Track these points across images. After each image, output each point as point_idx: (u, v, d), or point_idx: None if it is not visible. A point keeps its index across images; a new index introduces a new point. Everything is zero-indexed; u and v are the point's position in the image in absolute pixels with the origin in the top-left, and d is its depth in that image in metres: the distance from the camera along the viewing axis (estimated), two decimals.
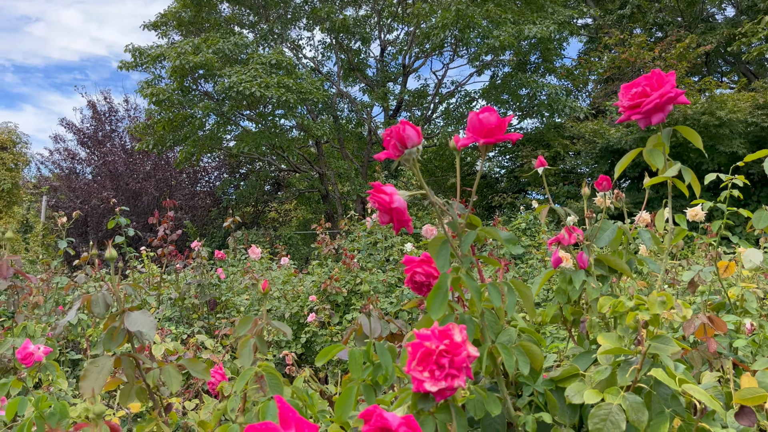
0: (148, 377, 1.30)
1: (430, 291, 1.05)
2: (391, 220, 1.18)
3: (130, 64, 12.08)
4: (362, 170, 15.62)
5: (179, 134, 12.75)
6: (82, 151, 18.14)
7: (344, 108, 16.47)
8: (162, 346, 2.76)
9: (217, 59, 10.80)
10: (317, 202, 19.14)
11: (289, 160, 14.51)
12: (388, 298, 4.28)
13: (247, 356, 1.20)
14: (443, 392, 0.81)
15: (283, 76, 10.66)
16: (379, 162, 16.80)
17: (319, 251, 4.76)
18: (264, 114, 12.42)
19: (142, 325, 1.21)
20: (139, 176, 16.36)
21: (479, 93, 15.75)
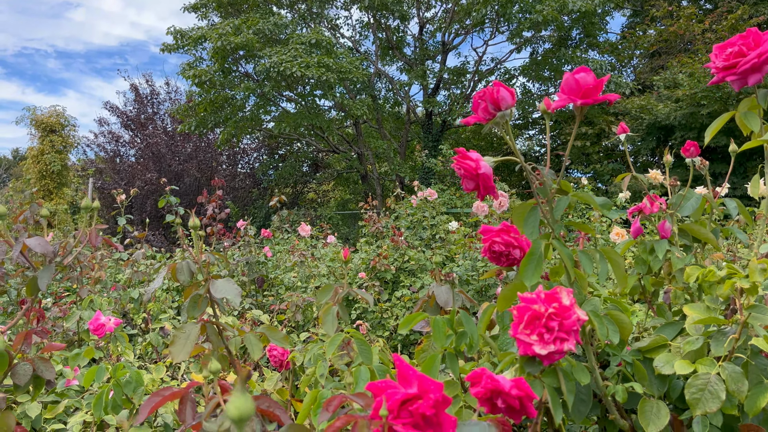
0: (230, 344, 1.32)
1: (524, 257, 1.03)
2: (476, 187, 1.16)
3: (171, 46, 12.22)
4: (400, 150, 15.56)
5: (220, 116, 12.88)
6: (126, 134, 18.53)
7: (381, 88, 16.39)
8: (223, 319, 2.82)
9: (258, 40, 10.83)
10: (355, 182, 19.18)
11: (328, 141, 14.54)
12: (431, 277, 4.26)
13: (330, 323, 1.20)
14: (552, 356, 0.79)
15: (322, 56, 10.64)
16: (418, 141, 16.70)
17: (367, 229, 4.77)
18: (303, 94, 12.44)
19: (227, 292, 1.23)
20: (181, 158, 16.63)
21: (519, 70, 15.46)
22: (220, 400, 0.76)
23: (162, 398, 0.77)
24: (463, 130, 18.36)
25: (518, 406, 0.75)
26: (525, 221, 1.09)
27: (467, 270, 3.96)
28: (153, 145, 16.78)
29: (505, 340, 1.25)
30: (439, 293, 1.53)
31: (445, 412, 0.64)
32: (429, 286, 4.01)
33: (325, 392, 1.01)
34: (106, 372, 1.79)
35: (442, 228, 5.09)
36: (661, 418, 1.12)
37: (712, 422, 1.09)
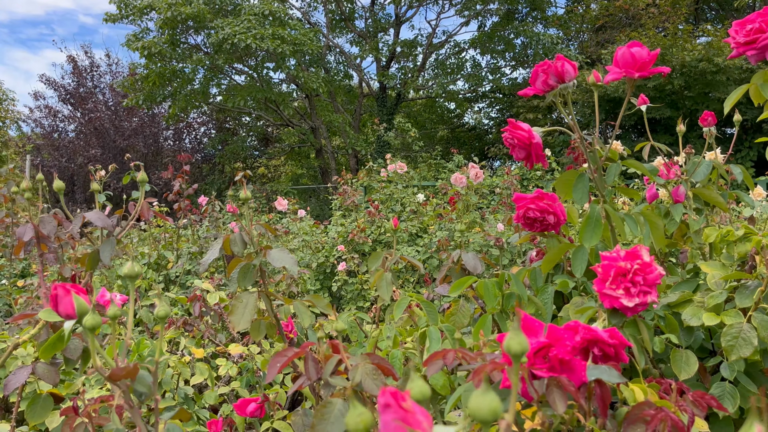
0: (280, 312, 1.36)
1: (582, 222, 1.10)
2: (527, 156, 1.22)
3: (115, 16, 11.70)
4: (354, 124, 15.52)
5: (168, 89, 12.49)
6: (65, 109, 17.73)
7: (332, 61, 16.22)
8: (216, 294, 2.83)
9: (209, 10, 10.52)
10: (307, 156, 19.01)
11: (281, 114, 14.34)
12: (413, 247, 4.36)
13: (385, 288, 1.26)
14: (636, 308, 0.87)
15: (277, 27, 10.43)
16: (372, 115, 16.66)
17: (340, 202, 4.80)
18: (255, 66, 12.19)
19: (284, 261, 1.26)
20: (126, 133, 16.09)
21: (468, 43, 15.59)
22: (343, 357, 0.81)
23: (287, 358, 0.81)
24: (414, 104, 18.44)
25: (613, 354, 0.83)
26: (574, 188, 1.17)
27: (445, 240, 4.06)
28: (95, 120, 16.14)
29: (544, 299, 1.34)
30: (467, 259, 1.60)
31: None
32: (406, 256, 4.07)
33: (396, 353, 1.07)
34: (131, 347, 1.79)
35: (412, 201, 5.17)
36: (691, 365, 1.23)
37: (736, 367, 1.20)
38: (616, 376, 0.72)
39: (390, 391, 0.38)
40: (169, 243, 5.12)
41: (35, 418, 1.27)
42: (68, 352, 1.26)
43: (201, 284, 2.91)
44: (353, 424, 0.38)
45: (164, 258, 4.76)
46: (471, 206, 4.08)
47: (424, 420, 0.37)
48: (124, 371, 0.64)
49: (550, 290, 1.34)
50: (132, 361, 1.78)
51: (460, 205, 4.02)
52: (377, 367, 0.80)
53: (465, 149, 18.35)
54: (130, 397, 0.65)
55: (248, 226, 1.31)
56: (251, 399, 1.52)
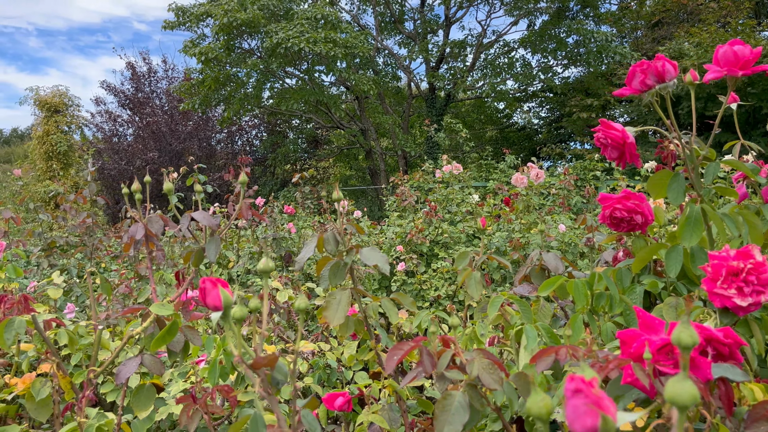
0: (368, 309, 1.39)
1: (681, 221, 1.10)
2: (620, 156, 1.23)
3: (173, 23, 12.09)
4: (403, 125, 15.56)
5: (223, 93, 12.81)
6: (124, 113, 18.38)
7: (380, 62, 16.31)
8: (285, 293, 2.90)
9: (263, 15, 10.74)
10: (355, 158, 19.17)
11: (332, 116, 14.51)
12: (471, 248, 4.35)
13: (474, 287, 1.27)
14: (749, 307, 0.87)
15: (329, 31, 10.57)
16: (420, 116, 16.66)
17: (397, 203, 4.83)
18: (309, 70, 12.38)
19: (376, 260, 1.29)
20: (182, 136, 16.56)
21: (518, 43, 15.42)
22: (457, 351, 0.83)
23: (403, 351, 0.84)
24: (463, 104, 18.35)
25: (727, 353, 0.83)
26: (669, 188, 1.16)
27: (504, 241, 4.05)
28: (152, 124, 16.67)
29: (633, 300, 1.33)
30: (548, 259, 1.60)
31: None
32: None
33: (530, 343, 1.08)
34: (214, 342, 1.87)
35: (468, 202, 5.17)
36: None
37: None
38: (740, 375, 0.72)
39: (580, 378, 0.40)
40: (230, 243, 5.26)
41: (140, 407, 1.34)
42: (173, 345, 1.33)
43: (271, 283, 3.00)
44: (536, 409, 0.41)
45: (225, 258, 4.90)
46: (532, 207, 4.06)
47: (611, 406, 0.39)
48: (265, 360, 0.68)
49: (639, 290, 1.33)
50: (218, 354, 1.85)
51: (520, 206, 4.00)
52: (493, 363, 0.82)
53: (514, 149, 18.14)
54: (268, 385, 0.69)
55: (339, 226, 1.36)
56: (339, 393, 1.56)
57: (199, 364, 2.06)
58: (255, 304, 0.74)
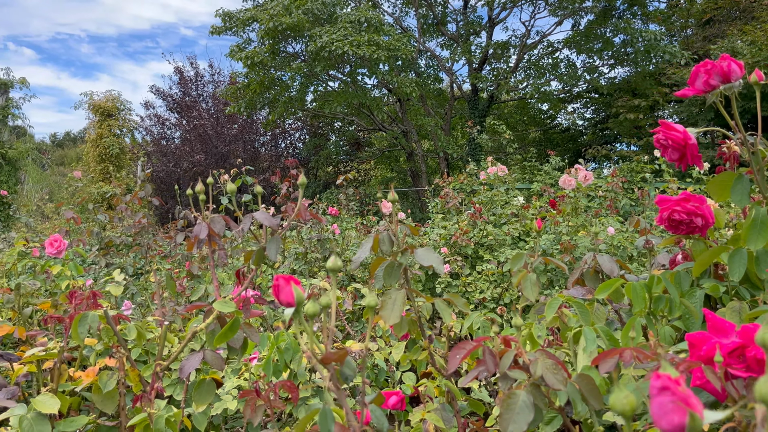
0: (422, 310, 1.40)
1: (746, 224, 1.08)
2: (681, 157, 1.21)
3: (220, 28, 12.36)
4: (444, 127, 15.52)
5: (268, 96, 13.02)
6: (172, 117, 18.89)
7: (422, 64, 16.31)
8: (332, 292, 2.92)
9: (307, 19, 10.89)
10: (396, 160, 19.21)
11: (374, 119, 14.58)
12: (516, 250, 4.31)
13: (530, 289, 1.27)
14: None
15: (372, 34, 10.64)
16: (461, 117, 16.58)
17: (441, 205, 4.83)
18: (351, 73, 12.48)
19: (430, 260, 1.30)
20: (227, 139, 16.92)
21: (562, 43, 15.19)
22: (520, 351, 0.84)
23: (466, 351, 0.86)
24: (505, 106, 18.18)
25: None
26: (732, 189, 1.14)
27: (551, 243, 4.01)
28: (199, 127, 17.08)
29: (693, 303, 1.31)
30: (603, 262, 1.59)
31: None
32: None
33: (590, 345, 1.08)
34: (268, 340, 1.91)
35: (513, 203, 5.13)
36: None
37: None
38: None
39: (667, 376, 0.40)
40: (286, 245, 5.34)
41: (200, 400, 1.39)
42: (233, 341, 1.37)
43: (319, 283, 3.03)
44: (621, 405, 0.42)
45: None
46: (580, 209, 4.00)
47: (698, 404, 0.40)
48: (335, 356, 0.70)
49: (699, 294, 1.31)
50: (271, 352, 1.89)
51: (567, 208, 3.95)
52: (556, 363, 0.82)
53: (558, 151, 17.88)
54: (338, 380, 0.71)
55: (394, 227, 1.38)
56: (392, 392, 1.58)
57: (251, 361, 2.11)
58: (326, 301, 0.76)
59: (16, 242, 2.96)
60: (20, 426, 1.23)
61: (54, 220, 11.02)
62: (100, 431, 1.39)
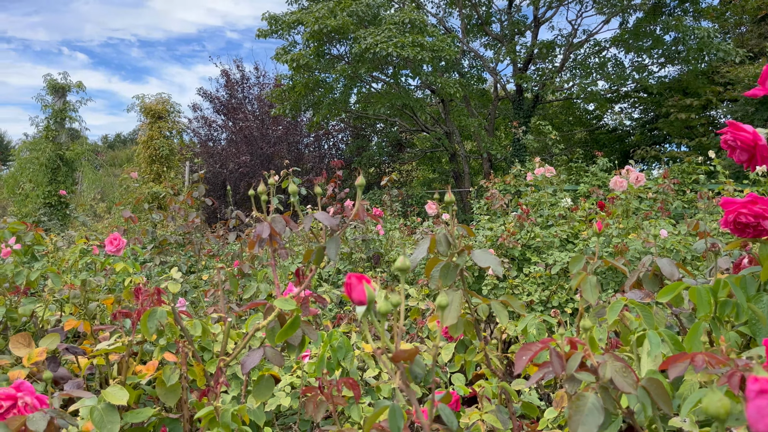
0: (479, 311, 1.40)
1: None
2: (750, 158, 1.18)
3: (266, 31, 12.57)
4: (488, 127, 15.40)
5: (312, 98, 13.17)
6: (218, 119, 19.30)
7: (465, 65, 16.23)
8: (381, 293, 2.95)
9: (352, 22, 10.97)
10: (438, 161, 19.15)
11: (417, 120, 14.58)
12: (565, 252, 4.25)
13: (590, 291, 1.26)
14: None
15: (416, 35, 10.64)
16: (505, 118, 16.42)
17: (488, 206, 4.80)
18: (395, 74, 12.52)
19: (488, 262, 1.30)
20: (272, 141, 17.18)
21: (609, 41, 14.87)
22: (588, 353, 0.84)
23: (532, 352, 0.86)
24: (550, 106, 17.92)
25: None
26: None
27: (602, 246, 3.93)
28: (245, 129, 17.40)
29: (761, 308, 1.27)
30: (663, 265, 1.56)
31: None
32: (560, 262, 3.99)
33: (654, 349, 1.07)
34: (321, 338, 1.94)
35: (561, 205, 5.05)
36: None
37: None
38: None
39: (765, 380, 0.40)
40: None
41: (260, 396, 1.42)
42: (293, 339, 1.40)
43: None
44: (714, 408, 0.41)
45: None
46: (631, 211, 3.92)
47: None
48: (405, 354, 0.71)
49: (766, 299, 1.27)
50: (324, 350, 1.92)
51: (618, 210, 3.87)
52: (626, 366, 0.82)
53: (605, 152, 17.52)
54: (407, 378, 0.72)
55: (452, 228, 1.38)
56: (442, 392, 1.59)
57: (303, 359, 2.14)
58: (396, 300, 0.77)
59: (76, 240, 3.09)
60: (91, 416, 1.29)
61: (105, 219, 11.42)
62: (164, 423, 1.44)
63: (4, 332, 2.13)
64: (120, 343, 1.34)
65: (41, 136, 11.46)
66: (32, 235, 2.62)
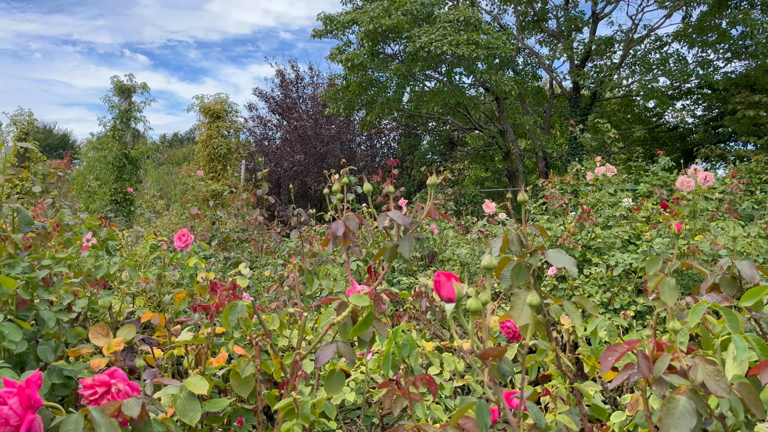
0: (551, 312, 1.39)
1: None
2: None
3: (321, 32, 12.73)
4: (543, 125, 15.14)
5: (365, 97, 13.26)
6: (273, 118, 19.68)
7: (520, 62, 15.99)
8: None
9: (406, 20, 11.00)
10: (491, 159, 18.95)
11: (470, 118, 14.48)
12: (627, 254, 4.15)
13: (668, 293, 1.24)
14: None
15: (471, 33, 10.57)
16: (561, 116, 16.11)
17: (549, 206, 4.73)
18: (448, 72, 12.47)
19: (563, 262, 1.29)
20: (325, 139, 17.39)
21: (671, 36, 14.36)
22: (677, 355, 0.82)
23: (619, 353, 0.85)
24: (608, 103, 17.46)
25: None
26: None
27: (665, 248, 3.82)
28: (299, 128, 17.67)
29: None
30: (743, 268, 1.51)
31: None
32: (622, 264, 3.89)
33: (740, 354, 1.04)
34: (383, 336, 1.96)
35: (622, 205, 4.94)
36: None
37: None
38: None
39: None
40: (377, 241, 5.43)
41: (332, 389, 1.45)
42: (365, 335, 1.43)
43: (426, 281, 3.07)
44: None
45: (371, 255, 5.08)
46: (698, 212, 3.79)
47: None
48: (494, 351, 0.72)
49: None
50: (389, 347, 1.94)
51: (684, 211, 3.75)
52: (717, 370, 0.80)
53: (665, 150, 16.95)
54: (495, 375, 0.73)
55: (524, 227, 1.38)
56: (513, 392, 1.58)
57: (362, 355, 2.17)
58: (485, 298, 0.78)
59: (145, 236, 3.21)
60: (174, 404, 1.34)
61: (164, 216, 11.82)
62: (239, 414, 1.49)
63: (84, 323, 2.24)
64: (201, 335, 1.40)
65: (107, 136, 11.97)
66: (106, 231, 2.74)
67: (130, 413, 1.05)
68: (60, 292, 2.01)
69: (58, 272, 2.02)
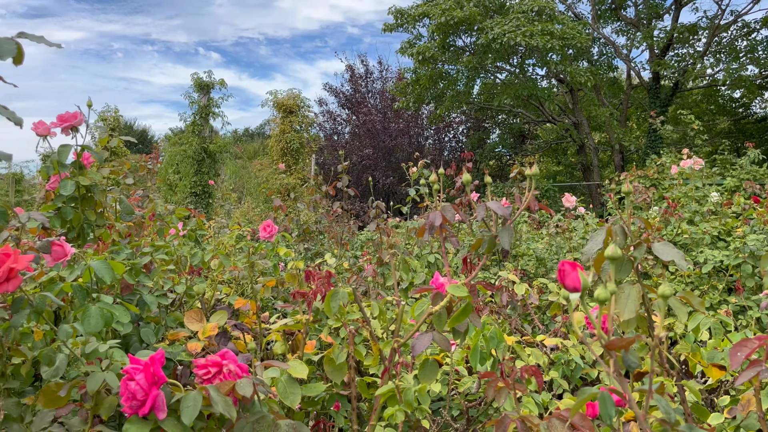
0: (655, 306, 1.34)
1: None
2: None
3: (392, 25, 12.76)
4: (619, 118, 14.62)
5: (435, 91, 13.20)
6: (342, 113, 19.91)
7: (595, 52, 15.49)
8: (522, 286, 2.93)
9: (479, 12, 10.86)
10: (563, 153, 18.46)
11: (543, 111, 14.15)
12: (716, 250, 3.96)
13: None
14: None
15: (546, 23, 10.32)
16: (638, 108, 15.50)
17: (631, 200, 4.58)
18: (520, 64, 12.24)
19: (671, 255, 1.25)
20: (393, 134, 17.44)
21: (760, 23, 13.50)
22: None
23: (750, 349, 0.82)
24: (689, 94, 16.64)
25: None
26: None
27: (761, 244, 3.62)
28: (368, 123, 17.81)
29: None
30: None
31: None
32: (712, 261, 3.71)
33: None
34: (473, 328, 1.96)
35: (710, 200, 4.71)
36: None
37: None
38: None
39: None
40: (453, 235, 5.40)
41: (426, 378, 1.47)
42: (460, 325, 1.43)
43: (506, 275, 3.04)
44: None
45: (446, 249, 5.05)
46: None
47: None
48: (622, 342, 0.71)
49: None
50: (477, 339, 1.94)
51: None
52: None
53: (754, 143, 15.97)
54: (620, 366, 0.72)
55: (628, 220, 1.34)
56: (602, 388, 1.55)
57: None
58: (613, 288, 0.77)
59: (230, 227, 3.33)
60: (276, 386, 1.39)
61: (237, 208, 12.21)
62: (335, 399, 1.52)
63: (180, 308, 2.35)
64: (301, 320, 1.44)
65: (187, 130, 12.47)
66: (194, 221, 2.86)
67: (243, 392, 1.09)
68: (158, 278, 2.12)
69: (158, 259, 2.13)
